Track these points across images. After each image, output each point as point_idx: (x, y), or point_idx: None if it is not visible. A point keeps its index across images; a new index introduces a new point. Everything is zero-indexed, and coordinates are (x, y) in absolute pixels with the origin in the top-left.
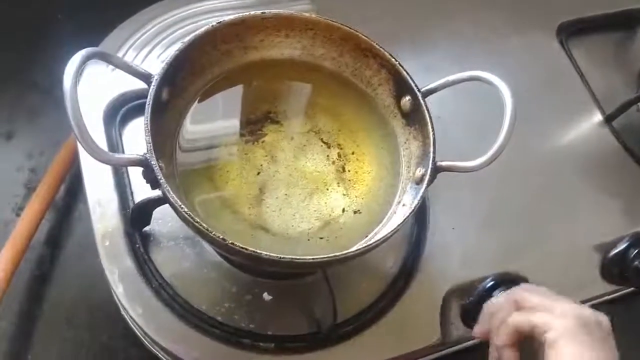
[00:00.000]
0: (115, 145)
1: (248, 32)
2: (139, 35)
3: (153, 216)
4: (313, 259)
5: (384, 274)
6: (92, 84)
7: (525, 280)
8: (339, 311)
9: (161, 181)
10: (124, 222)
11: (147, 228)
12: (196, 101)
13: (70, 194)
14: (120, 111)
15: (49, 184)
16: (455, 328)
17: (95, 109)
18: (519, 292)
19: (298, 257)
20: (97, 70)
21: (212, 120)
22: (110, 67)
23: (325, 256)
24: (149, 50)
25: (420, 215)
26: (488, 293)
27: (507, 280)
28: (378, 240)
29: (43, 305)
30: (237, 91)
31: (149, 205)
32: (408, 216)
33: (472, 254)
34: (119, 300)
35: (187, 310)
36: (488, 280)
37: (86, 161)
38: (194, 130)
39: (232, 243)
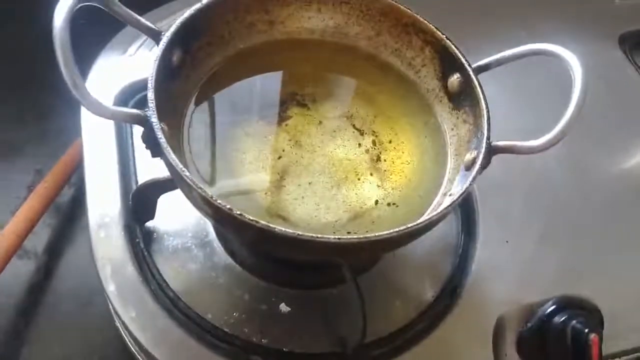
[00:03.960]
0: (125, 135)
1: (275, 2)
2: (161, 26)
3: (159, 210)
4: (338, 239)
5: (424, 292)
6: (105, 74)
7: (594, 307)
8: (369, 330)
9: (161, 140)
10: (125, 214)
11: (150, 224)
12: (212, 75)
13: (76, 200)
14: (132, 100)
15: (50, 182)
16: None
17: (106, 98)
18: None
19: (319, 236)
20: (111, 61)
21: (229, 98)
22: (127, 55)
23: (353, 237)
24: None
25: (468, 225)
26: (549, 319)
27: (573, 305)
28: (419, 223)
29: (33, 319)
30: (260, 69)
31: (153, 190)
32: (457, 199)
33: (529, 273)
34: (110, 301)
35: (190, 317)
36: (549, 303)
37: (89, 140)
38: (207, 107)
39: (241, 214)
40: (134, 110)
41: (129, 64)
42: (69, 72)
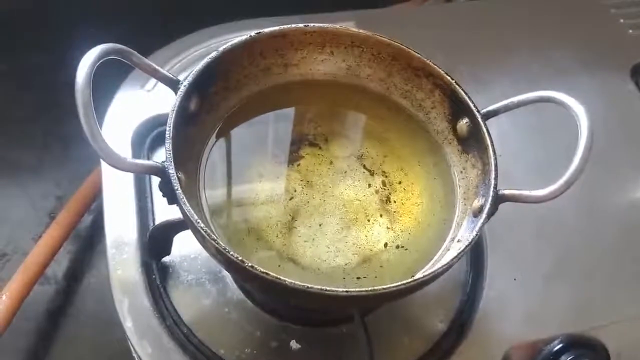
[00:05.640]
0: None
1: (289, 47)
2: (175, 62)
3: (174, 247)
4: (347, 291)
5: (431, 329)
6: (124, 108)
7: (601, 346)
8: None
9: (177, 192)
10: (142, 251)
11: (166, 259)
12: (228, 118)
13: (95, 226)
14: (149, 135)
15: (71, 211)
16: None
17: (124, 133)
18: None
19: (328, 289)
20: (129, 96)
21: (243, 139)
22: (145, 89)
23: (361, 290)
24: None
25: (476, 262)
26: (556, 357)
27: (579, 344)
28: (427, 275)
29: (51, 344)
30: (274, 109)
31: (169, 230)
32: (464, 250)
33: (537, 310)
34: (127, 336)
35: (203, 352)
36: (556, 342)
37: (108, 181)
38: (223, 149)
39: (252, 266)
40: (151, 162)
41: (146, 99)
42: (89, 127)
